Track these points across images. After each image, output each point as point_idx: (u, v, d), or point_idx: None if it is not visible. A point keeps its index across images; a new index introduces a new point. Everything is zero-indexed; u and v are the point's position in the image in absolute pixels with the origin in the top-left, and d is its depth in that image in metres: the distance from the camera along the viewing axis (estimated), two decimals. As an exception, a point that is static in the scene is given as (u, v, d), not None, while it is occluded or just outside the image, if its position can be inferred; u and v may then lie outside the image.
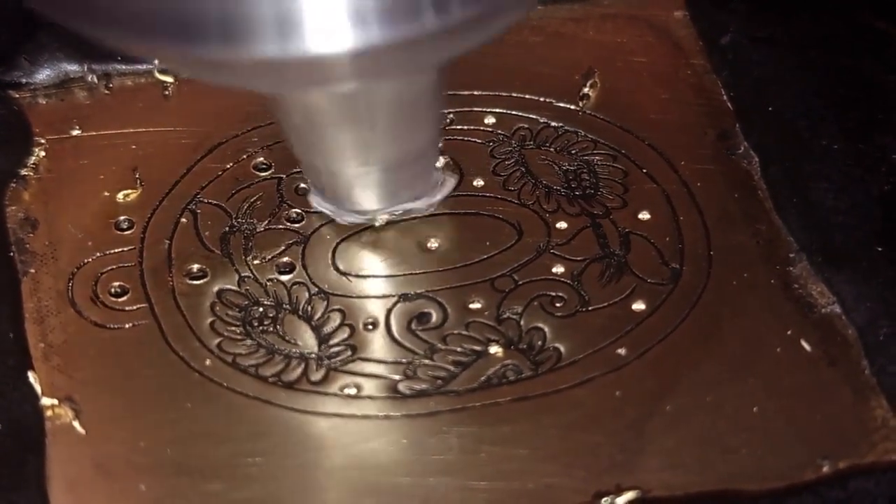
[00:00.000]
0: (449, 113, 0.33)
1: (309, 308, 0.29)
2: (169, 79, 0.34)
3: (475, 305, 0.29)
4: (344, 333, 0.28)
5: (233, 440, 0.26)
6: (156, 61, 0.34)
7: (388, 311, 0.29)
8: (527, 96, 0.34)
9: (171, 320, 0.28)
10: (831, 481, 0.25)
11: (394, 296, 0.29)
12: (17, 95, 0.33)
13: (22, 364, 0.27)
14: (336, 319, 0.28)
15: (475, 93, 0.34)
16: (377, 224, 0.30)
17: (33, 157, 0.32)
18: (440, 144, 0.31)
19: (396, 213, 0.30)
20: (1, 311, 0.28)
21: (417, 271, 0.29)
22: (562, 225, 0.30)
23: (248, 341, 0.28)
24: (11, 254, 0.29)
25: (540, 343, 0.28)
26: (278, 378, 0.27)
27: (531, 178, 0.32)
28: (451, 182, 0.31)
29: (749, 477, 0.26)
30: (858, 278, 0.29)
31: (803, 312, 0.29)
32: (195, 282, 0.29)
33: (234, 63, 0.18)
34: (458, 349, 0.28)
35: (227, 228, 0.30)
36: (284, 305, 0.29)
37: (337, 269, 0.29)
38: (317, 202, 0.30)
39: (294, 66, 0.19)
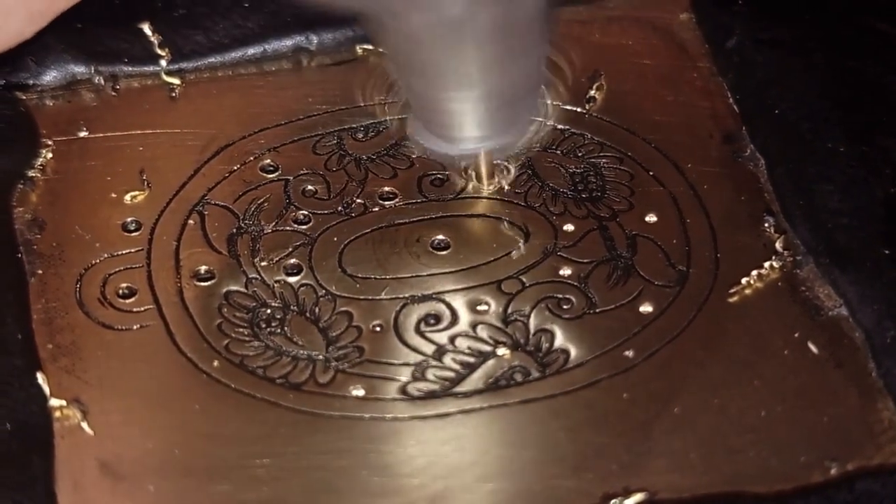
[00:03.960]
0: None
1: (316, 310, 0.29)
2: (176, 80, 0.34)
3: (483, 307, 0.29)
4: (352, 335, 0.28)
5: (241, 441, 0.26)
6: (163, 63, 0.34)
7: (396, 313, 0.29)
8: (532, 98, 0.34)
9: (178, 322, 0.28)
10: (838, 483, 0.25)
11: (401, 297, 0.29)
12: (24, 97, 0.33)
13: (30, 365, 0.27)
14: (344, 321, 0.28)
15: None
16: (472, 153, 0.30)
17: (40, 159, 0.32)
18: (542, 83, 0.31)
19: (493, 148, 0.29)
20: (9, 312, 0.28)
21: (425, 273, 0.30)
22: (569, 227, 0.31)
23: (256, 343, 0.28)
24: (19, 255, 0.29)
25: (547, 345, 0.28)
26: (286, 379, 0.27)
27: (538, 180, 0.32)
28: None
29: (756, 479, 0.26)
30: (864, 280, 0.29)
31: (810, 315, 0.29)
32: (203, 283, 0.29)
33: None
34: (466, 351, 0.28)
35: (234, 230, 0.30)
36: (292, 307, 0.29)
37: (344, 270, 0.29)
38: (418, 134, 0.30)
39: None
